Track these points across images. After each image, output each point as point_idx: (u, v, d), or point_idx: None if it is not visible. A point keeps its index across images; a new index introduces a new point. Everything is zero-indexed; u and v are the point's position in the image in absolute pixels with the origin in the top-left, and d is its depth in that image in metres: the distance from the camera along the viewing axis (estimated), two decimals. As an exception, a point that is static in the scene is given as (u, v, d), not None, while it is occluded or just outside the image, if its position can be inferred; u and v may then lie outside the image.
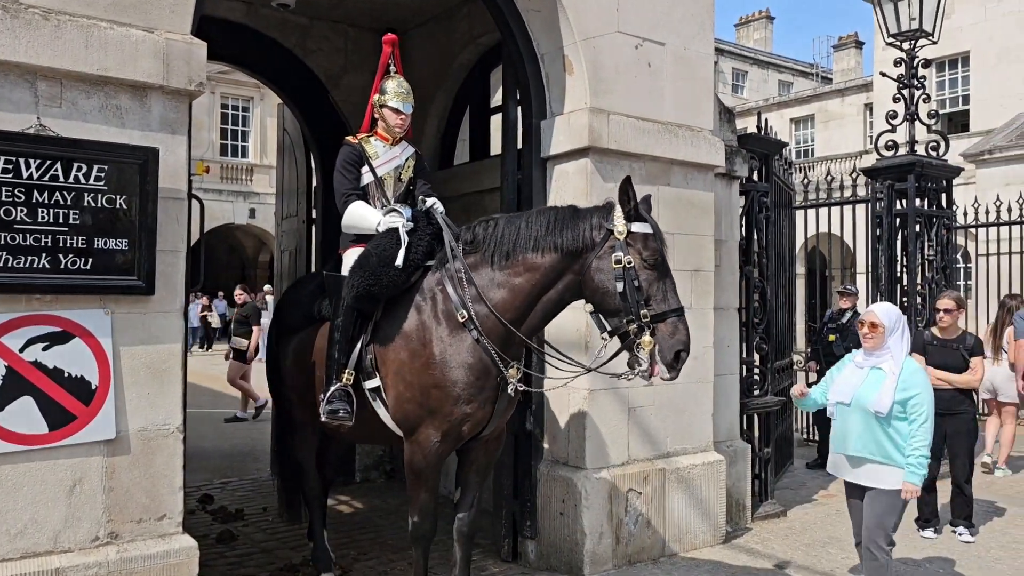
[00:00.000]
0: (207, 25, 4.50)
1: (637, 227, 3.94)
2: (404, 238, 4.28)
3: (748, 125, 7.70)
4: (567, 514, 5.25)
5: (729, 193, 6.54)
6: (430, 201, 4.56)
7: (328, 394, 4.24)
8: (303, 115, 7.91)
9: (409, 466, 4.24)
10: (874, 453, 4.25)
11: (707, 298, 5.93)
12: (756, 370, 6.90)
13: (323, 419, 4.30)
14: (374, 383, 4.27)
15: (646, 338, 3.81)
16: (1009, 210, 11.54)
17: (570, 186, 5.34)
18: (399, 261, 4.21)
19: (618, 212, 3.96)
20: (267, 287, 26.47)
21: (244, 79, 24.55)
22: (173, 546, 3.72)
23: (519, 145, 5.62)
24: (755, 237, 6.88)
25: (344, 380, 4.24)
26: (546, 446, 5.51)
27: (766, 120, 7.51)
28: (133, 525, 3.66)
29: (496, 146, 6.79)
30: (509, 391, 4.16)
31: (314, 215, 8.00)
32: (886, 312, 4.41)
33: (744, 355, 6.78)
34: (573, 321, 5.25)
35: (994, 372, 8.59)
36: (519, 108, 5.63)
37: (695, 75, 5.88)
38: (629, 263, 3.87)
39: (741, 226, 6.80)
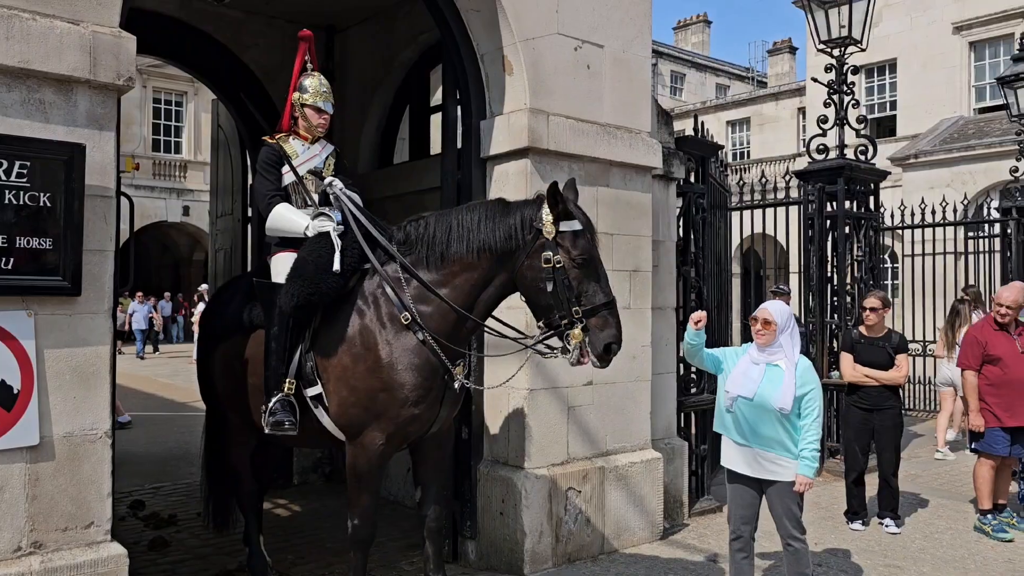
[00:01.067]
0: (137, 18, 4.37)
1: (565, 226, 3.96)
2: (337, 242, 4.22)
3: (686, 127, 7.83)
4: (507, 514, 5.26)
5: (667, 194, 6.64)
6: (329, 179, 4.52)
7: (270, 406, 4.16)
8: (238, 111, 7.76)
9: (352, 469, 4.19)
10: (772, 447, 4.34)
11: (645, 298, 6.01)
12: (693, 369, 7.01)
13: (267, 431, 4.21)
14: (315, 390, 4.20)
15: (576, 331, 3.89)
16: (933, 212, 11.98)
17: (510, 186, 5.35)
18: (336, 266, 4.17)
19: (546, 211, 3.98)
20: (203, 286, 25.85)
21: (177, 73, 23.95)
22: (101, 554, 3.61)
23: (459, 145, 5.61)
24: (692, 238, 7.00)
25: (286, 390, 4.18)
26: (486, 446, 5.51)
27: (703, 123, 7.64)
28: (58, 534, 3.53)
29: (436, 145, 6.77)
30: (456, 387, 4.18)
31: (250, 213, 7.85)
32: (778, 310, 4.48)
33: (681, 354, 6.89)
34: (513, 321, 5.26)
35: (954, 368, 8.80)
36: (459, 108, 5.62)
37: (633, 77, 5.95)
38: (559, 263, 3.91)
39: (678, 227, 6.90)
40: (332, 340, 4.19)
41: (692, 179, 7.06)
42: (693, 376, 7.05)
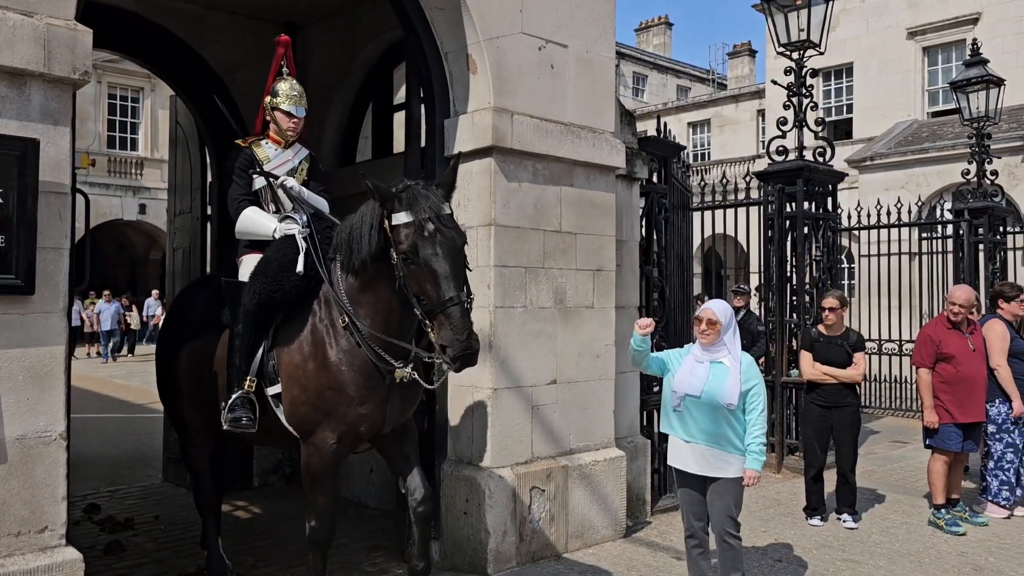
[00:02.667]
0: (94, 11, 4.28)
1: (395, 219, 3.79)
2: (301, 244, 4.30)
3: (648, 128, 7.89)
4: (471, 513, 5.25)
5: (630, 194, 6.68)
6: (290, 182, 4.57)
7: (230, 402, 4.19)
8: (198, 108, 7.64)
9: (306, 469, 4.20)
10: (721, 444, 4.40)
11: (609, 297, 6.04)
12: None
13: (225, 427, 4.23)
14: (276, 389, 4.24)
15: (431, 334, 3.73)
16: (888, 213, 12.21)
17: (474, 185, 5.35)
18: (299, 267, 4.22)
19: (379, 209, 3.86)
20: (155, 292, 25.35)
21: (134, 68, 23.55)
22: (56, 559, 3.52)
23: (423, 143, 5.59)
24: (655, 237, 7.05)
25: (246, 387, 4.20)
26: (450, 445, 5.50)
27: (665, 124, 7.70)
28: (11, 539, 3.44)
29: (400, 143, 6.73)
30: (397, 381, 4.09)
31: (209, 212, 7.73)
32: (722, 310, 4.55)
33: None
34: (477, 321, 5.25)
35: None
36: (423, 106, 5.60)
37: (597, 78, 5.98)
38: (393, 260, 3.80)
39: (641, 227, 6.95)
40: (289, 339, 4.23)
41: (655, 179, 7.11)
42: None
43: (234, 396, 4.19)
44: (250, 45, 7.50)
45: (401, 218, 3.75)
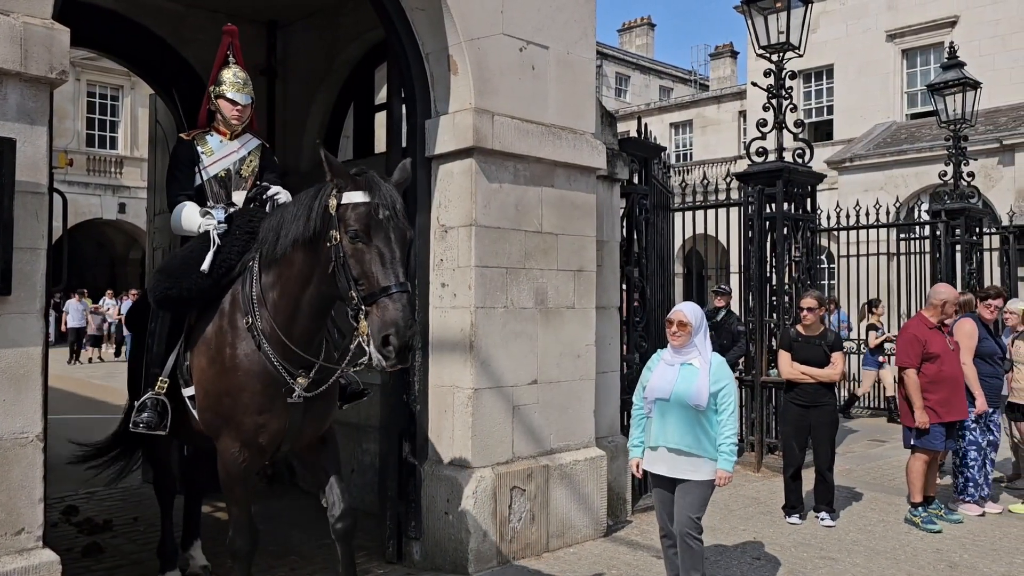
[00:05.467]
0: (72, 9, 4.25)
1: (347, 197, 3.47)
2: (215, 240, 4.13)
3: (630, 129, 7.92)
4: (452, 513, 5.26)
5: (611, 195, 6.71)
6: (273, 190, 4.44)
7: (138, 403, 4.10)
8: (178, 107, 7.58)
9: (220, 478, 4.05)
10: (691, 446, 4.39)
11: (590, 297, 6.07)
12: (636, 367, 7.10)
13: (131, 428, 4.14)
14: (190, 391, 4.10)
15: (362, 323, 3.34)
16: (867, 214, 12.32)
17: (455, 186, 5.36)
18: (205, 265, 4.03)
19: (330, 186, 3.57)
20: (133, 291, 24.96)
21: (113, 66, 23.34)
22: (32, 561, 3.51)
23: (404, 144, 5.59)
24: (636, 238, 7.09)
25: (156, 388, 4.10)
26: (431, 446, 5.50)
27: (646, 125, 7.74)
28: (-13, 541, 3.42)
29: (381, 144, 6.72)
30: (295, 398, 3.84)
31: (190, 211, 7.68)
32: (693, 312, 4.56)
33: (625, 352, 6.98)
34: (458, 321, 5.27)
35: None
36: (404, 106, 5.59)
37: (578, 79, 6.01)
38: (336, 239, 3.45)
39: (622, 227, 6.99)
40: (197, 339, 4.09)
41: (636, 180, 7.15)
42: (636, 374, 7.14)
43: (143, 397, 4.10)
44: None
45: (355, 197, 3.45)
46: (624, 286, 6.94)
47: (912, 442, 6.68)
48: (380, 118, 7.23)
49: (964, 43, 17.25)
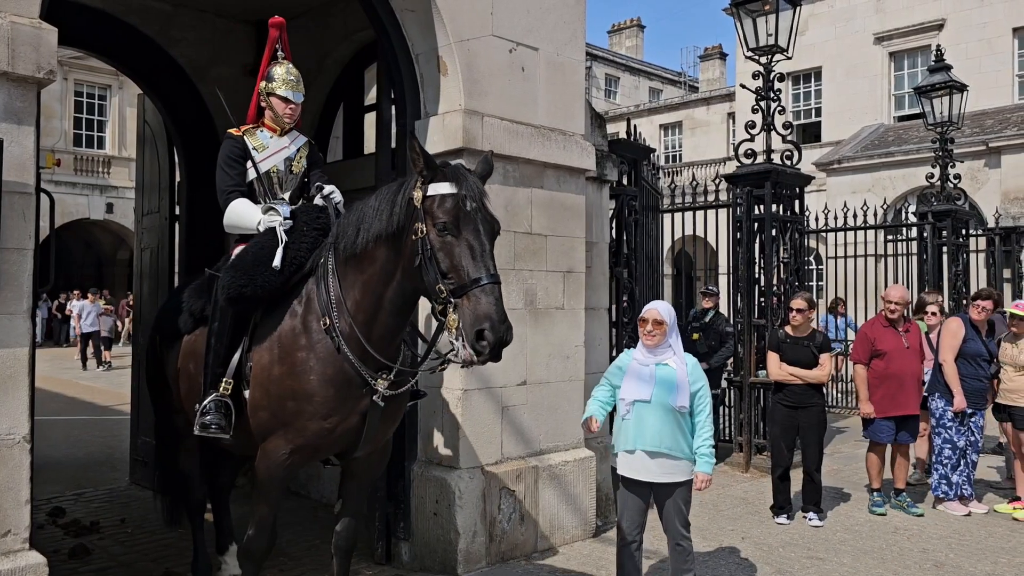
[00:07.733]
0: (59, 9, 4.23)
1: (433, 189, 3.45)
2: (282, 237, 4.05)
3: (620, 130, 7.95)
4: (441, 514, 5.26)
5: (600, 196, 6.73)
6: (328, 189, 4.34)
7: (202, 406, 3.93)
8: (166, 106, 7.56)
9: (256, 475, 3.98)
10: (671, 448, 4.30)
11: (579, 298, 6.08)
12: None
13: (196, 432, 3.97)
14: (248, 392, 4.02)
15: (451, 317, 3.31)
16: (855, 216, 12.39)
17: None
18: (276, 262, 3.95)
19: (414, 178, 3.53)
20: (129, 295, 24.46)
21: (101, 65, 23.19)
22: (19, 563, 3.48)
23: (394, 144, 5.58)
24: (625, 239, 7.11)
25: (221, 389, 3.93)
26: (420, 446, 5.50)
27: (635, 126, 7.77)
28: (-28, 543, 3.40)
29: (371, 144, 6.72)
30: (376, 400, 3.80)
31: (178, 212, 7.65)
32: (667, 310, 4.46)
33: (614, 353, 7.00)
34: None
35: None
36: (394, 107, 5.59)
37: (567, 80, 6.02)
38: (422, 232, 3.41)
39: (611, 229, 7.01)
40: (263, 338, 3.97)
41: (625, 181, 7.18)
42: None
43: (207, 399, 3.93)
44: (219, 43, 7.45)
45: (443, 188, 3.43)
46: (613, 287, 6.96)
47: (863, 433, 7.13)
48: (370, 119, 7.22)
49: (951, 46, 17.40)
